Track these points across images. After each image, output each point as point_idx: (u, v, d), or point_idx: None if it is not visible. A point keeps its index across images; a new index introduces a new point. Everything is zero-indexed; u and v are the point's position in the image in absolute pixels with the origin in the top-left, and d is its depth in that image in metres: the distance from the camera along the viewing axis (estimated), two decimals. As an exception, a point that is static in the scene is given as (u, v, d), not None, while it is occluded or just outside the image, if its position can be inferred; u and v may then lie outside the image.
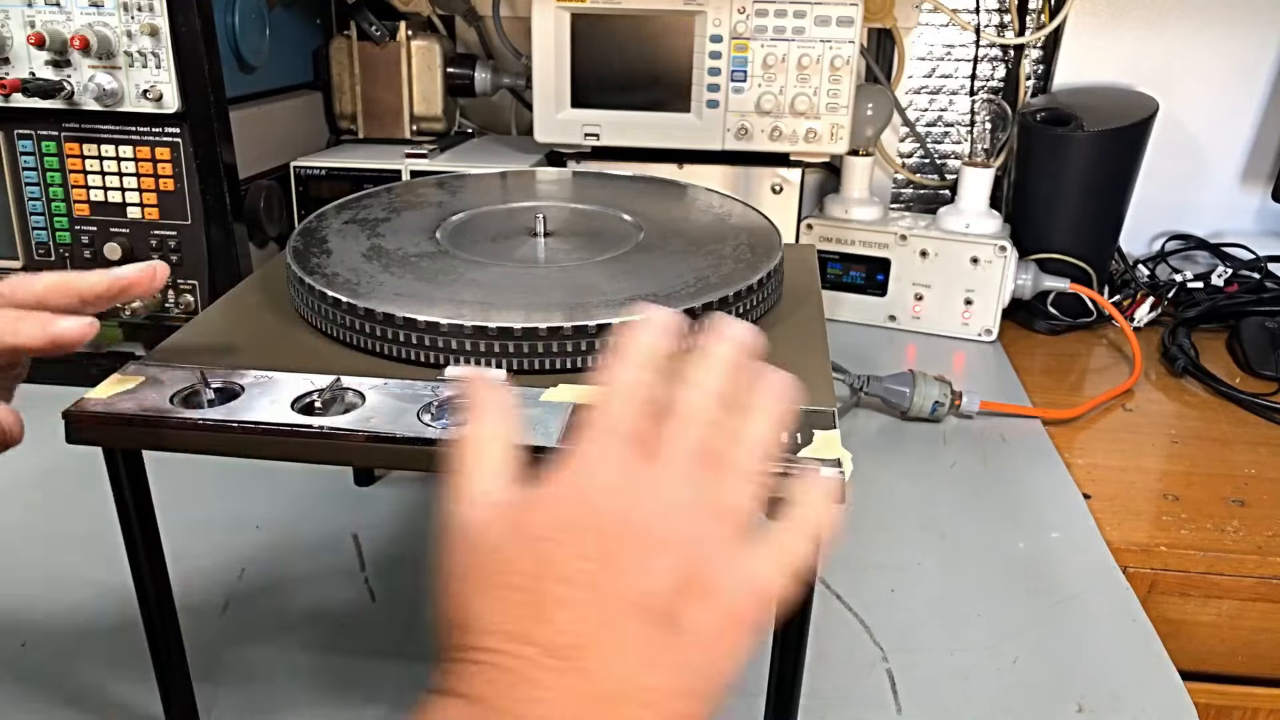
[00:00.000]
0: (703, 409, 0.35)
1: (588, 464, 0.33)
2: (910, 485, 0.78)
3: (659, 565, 0.31)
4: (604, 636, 0.30)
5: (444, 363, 0.46)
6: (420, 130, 1.11)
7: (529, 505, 0.33)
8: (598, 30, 0.97)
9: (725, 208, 0.66)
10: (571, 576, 0.31)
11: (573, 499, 0.32)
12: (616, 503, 0.32)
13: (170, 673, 0.50)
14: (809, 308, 0.56)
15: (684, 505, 0.33)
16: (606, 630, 0.30)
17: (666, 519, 0.32)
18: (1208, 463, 0.83)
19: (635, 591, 0.31)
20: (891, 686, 0.57)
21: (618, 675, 0.30)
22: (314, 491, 0.76)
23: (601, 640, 0.30)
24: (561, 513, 0.32)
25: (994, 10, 1.18)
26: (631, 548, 0.31)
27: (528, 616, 0.30)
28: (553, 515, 0.32)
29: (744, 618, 0.32)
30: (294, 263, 0.52)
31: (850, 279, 1.09)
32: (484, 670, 0.30)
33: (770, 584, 0.34)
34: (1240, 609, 0.72)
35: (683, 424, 0.34)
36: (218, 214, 0.87)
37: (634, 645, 0.30)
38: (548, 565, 0.31)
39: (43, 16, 0.80)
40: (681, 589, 0.31)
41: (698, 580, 0.32)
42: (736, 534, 0.34)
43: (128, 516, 0.46)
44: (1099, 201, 1.07)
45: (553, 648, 0.30)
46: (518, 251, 0.57)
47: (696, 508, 0.33)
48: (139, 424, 0.42)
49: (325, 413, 0.43)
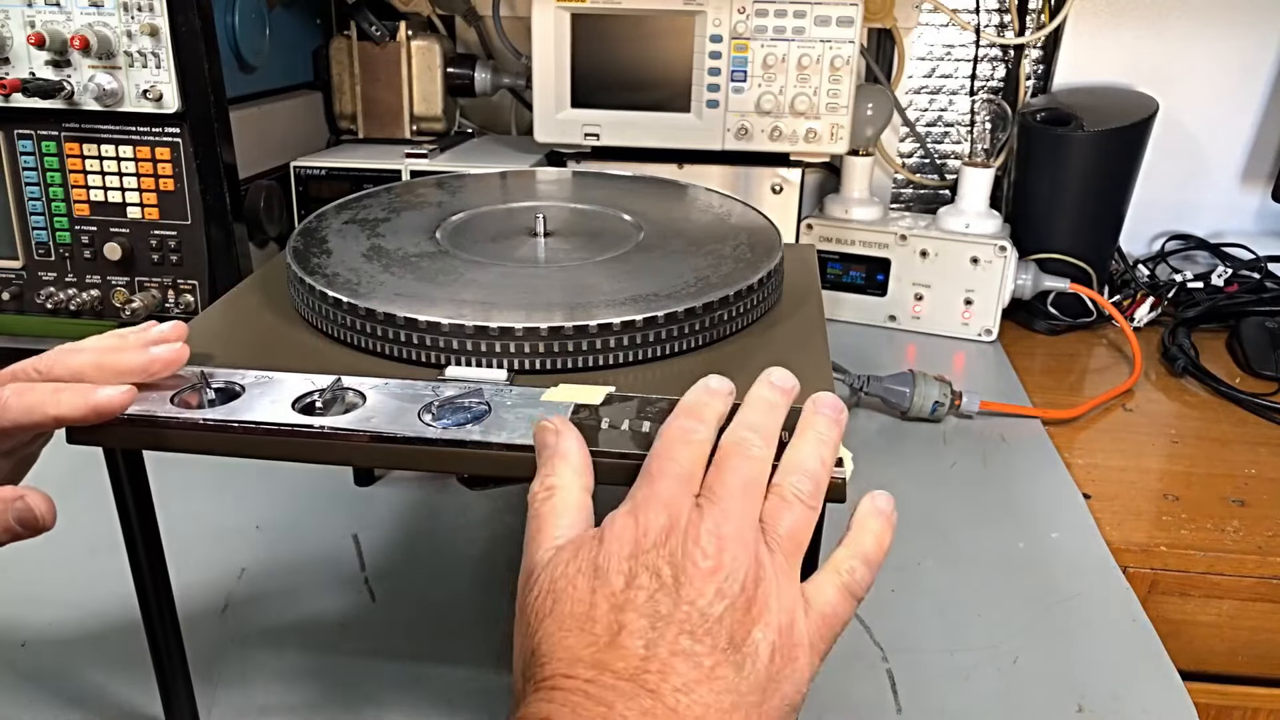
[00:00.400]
0: (753, 444, 0.37)
1: (647, 501, 0.36)
2: (910, 485, 0.78)
3: (725, 591, 0.33)
4: (674, 662, 0.32)
5: (444, 363, 0.46)
6: (420, 130, 1.11)
7: (589, 544, 0.35)
8: (598, 30, 0.97)
9: (725, 207, 0.66)
10: (643, 607, 0.33)
11: (632, 537, 0.35)
12: (670, 537, 0.34)
13: (170, 673, 0.50)
14: (809, 308, 0.56)
15: (746, 535, 0.35)
16: (676, 656, 0.32)
17: (729, 549, 0.34)
18: (1208, 463, 0.83)
19: (700, 618, 0.33)
20: (891, 686, 0.57)
21: (688, 698, 0.32)
22: (314, 491, 0.76)
23: (672, 666, 0.32)
24: (621, 548, 0.34)
25: (994, 10, 1.18)
26: (697, 578, 0.33)
27: (599, 644, 0.33)
28: (622, 549, 0.34)
29: (805, 640, 0.35)
30: (294, 263, 0.52)
31: (850, 279, 1.09)
32: (563, 697, 0.32)
33: (829, 607, 0.36)
34: (1240, 609, 0.72)
35: (734, 461, 0.37)
36: (218, 214, 0.87)
37: (703, 670, 0.32)
38: (620, 597, 0.33)
39: (43, 16, 0.80)
40: (745, 613, 0.33)
41: (761, 605, 0.34)
42: (791, 559, 0.36)
43: (128, 516, 0.46)
44: (1099, 201, 1.07)
45: (626, 673, 0.32)
46: (518, 251, 0.57)
47: (757, 537, 0.35)
48: (139, 424, 0.42)
49: (326, 413, 0.42)
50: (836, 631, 0.36)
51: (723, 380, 0.40)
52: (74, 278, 0.90)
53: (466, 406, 0.42)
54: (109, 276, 0.89)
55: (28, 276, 0.90)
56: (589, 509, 0.38)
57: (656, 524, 0.35)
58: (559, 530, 0.37)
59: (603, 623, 0.33)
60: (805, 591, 0.36)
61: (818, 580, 0.37)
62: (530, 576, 0.36)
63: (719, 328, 0.50)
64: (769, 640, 0.33)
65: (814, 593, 0.36)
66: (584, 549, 0.35)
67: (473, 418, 0.42)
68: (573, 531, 0.37)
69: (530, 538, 0.37)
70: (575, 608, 0.34)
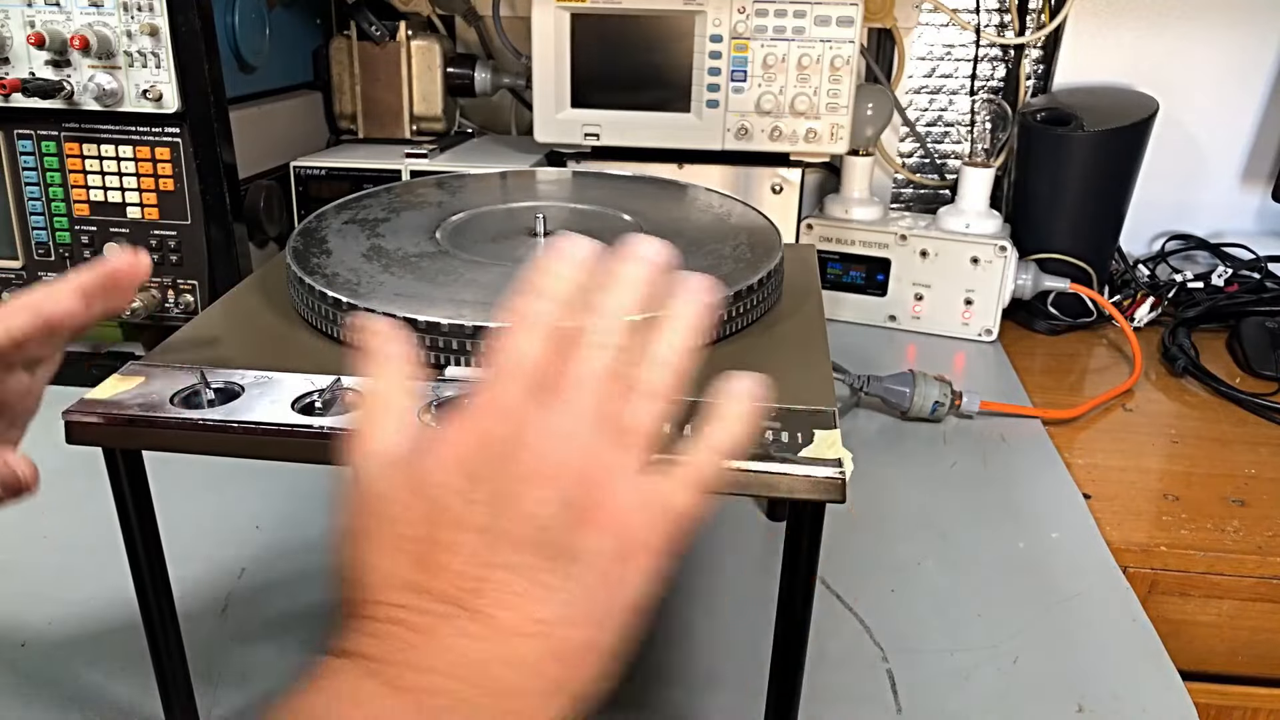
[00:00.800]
0: (607, 332, 0.34)
1: (481, 407, 0.33)
2: (910, 485, 0.78)
3: (550, 498, 0.31)
4: (498, 577, 0.30)
5: (444, 363, 0.46)
6: (420, 130, 1.11)
7: (421, 454, 0.32)
8: (598, 30, 0.97)
9: (725, 207, 0.66)
10: (461, 521, 0.30)
11: (464, 443, 0.32)
12: (506, 441, 0.32)
13: (170, 673, 0.50)
14: (809, 308, 0.56)
15: (580, 434, 0.32)
16: (497, 570, 0.30)
17: (560, 450, 0.32)
18: (1208, 463, 0.83)
19: (526, 527, 0.30)
20: (891, 686, 0.57)
21: (513, 613, 0.30)
22: (314, 491, 0.76)
23: (492, 580, 0.30)
24: (452, 458, 0.32)
25: (994, 10, 1.18)
26: (521, 484, 0.31)
27: (420, 567, 0.30)
28: (443, 461, 0.32)
29: (645, 541, 0.32)
30: (294, 263, 0.52)
31: (850, 279, 1.09)
32: (376, 627, 0.30)
33: (674, 503, 0.33)
34: (1240, 609, 0.72)
35: (586, 351, 0.33)
36: (218, 214, 0.87)
37: (529, 581, 0.30)
38: (439, 512, 0.31)
39: (43, 16, 0.80)
40: (577, 518, 0.31)
41: (594, 507, 0.31)
42: (638, 456, 0.33)
43: (128, 517, 0.46)
44: (1099, 201, 1.07)
45: (444, 595, 0.30)
46: (518, 251, 0.57)
47: (594, 434, 0.32)
48: (139, 424, 0.42)
49: (325, 413, 0.43)
50: (683, 529, 0.33)
51: (578, 243, 0.36)
52: (74, 278, 0.90)
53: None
54: (109, 276, 0.89)
55: (28, 276, 0.90)
56: (413, 414, 0.35)
57: (487, 427, 0.32)
58: (380, 436, 0.34)
59: (421, 541, 0.30)
60: (648, 490, 0.33)
61: (663, 474, 0.33)
62: (355, 488, 0.33)
63: (719, 328, 0.50)
64: (604, 545, 0.31)
65: (657, 490, 0.33)
66: (407, 460, 0.32)
67: None
68: (395, 438, 0.34)
69: (352, 444, 0.34)
70: (399, 527, 0.31)
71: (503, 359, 0.34)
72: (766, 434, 0.41)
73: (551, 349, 0.34)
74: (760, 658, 0.45)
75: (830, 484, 0.39)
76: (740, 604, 0.64)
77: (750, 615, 0.62)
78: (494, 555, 0.30)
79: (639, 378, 0.34)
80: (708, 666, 0.58)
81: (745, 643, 0.60)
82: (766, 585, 0.65)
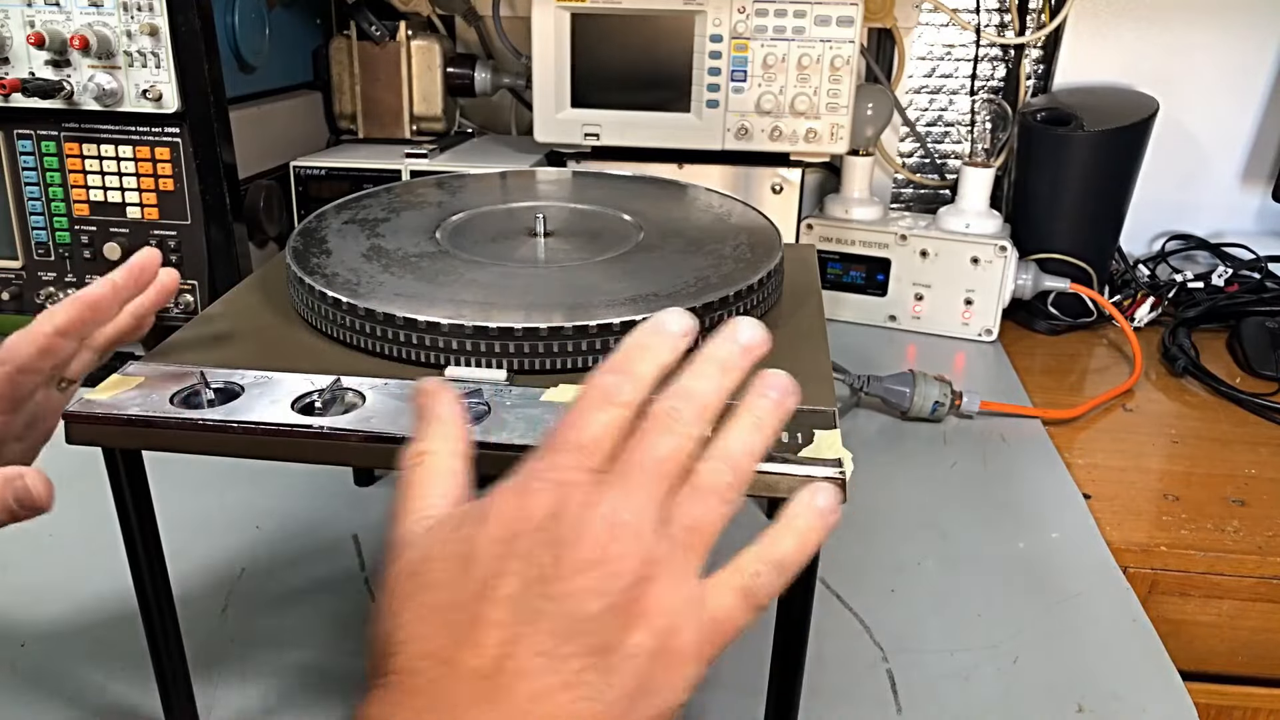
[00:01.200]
0: (681, 418, 0.32)
1: (539, 479, 0.31)
2: (910, 485, 0.78)
3: (601, 589, 0.29)
4: (534, 664, 0.28)
5: (444, 363, 0.46)
6: (420, 130, 1.11)
7: (468, 522, 0.31)
8: (598, 30, 0.97)
9: (725, 207, 0.66)
10: (507, 600, 0.29)
11: (516, 516, 0.30)
12: (561, 521, 0.30)
13: (170, 672, 0.50)
14: (809, 308, 0.56)
15: (640, 525, 0.30)
16: (538, 657, 0.28)
17: (617, 540, 0.30)
18: (1208, 463, 0.83)
19: (570, 616, 0.29)
20: (891, 686, 0.57)
21: (542, 706, 0.28)
22: (314, 491, 0.76)
23: (531, 668, 0.28)
24: (501, 530, 0.30)
25: (994, 10, 1.18)
26: (571, 570, 0.29)
27: (453, 638, 0.29)
28: (492, 533, 0.30)
29: (690, 648, 0.30)
30: (294, 263, 0.52)
31: (850, 279, 1.09)
32: (402, 698, 0.29)
33: (723, 612, 0.31)
34: (1240, 609, 0.72)
35: (653, 435, 0.32)
36: (217, 214, 0.87)
37: (565, 674, 0.28)
38: (481, 585, 0.29)
39: (42, 16, 0.80)
40: (624, 615, 0.29)
41: (639, 606, 0.30)
42: (692, 555, 0.31)
43: (127, 516, 0.46)
44: (1099, 201, 1.07)
45: (475, 671, 0.28)
46: (518, 251, 0.57)
47: (654, 528, 0.31)
48: (139, 424, 0.42)
49: (325, 413, 0.43)
50: (728, 640, 0.32)
51: (682, 318, 0.34)
52: (74, 278, 0.90)
53: (466, 406, 0.42)
54: (109, 276, 0.89)
55: (28, 276, 0.90)
56: (463, 478, 0.34)
57: (542, 503, 0.30)
58: (430, 501, 0.33)
59: (463, 613, 0.29)
60: (696, 593, 0.31)
61: (717, 580, 0.32)
62: (398, 551, 0.32)
63: (719, 328, 0.50)
64: (647, 647, 0.29)
65: (710, 595, 0.31)
66: (459, 526, 0.31)
67: (473, 418, 0.42)
68: (445, 503, 0.33)
69: (399, 507, 0.33)
70: (438, 595, 0.30)
71: (568, 430, 0.32)
72: None
73: (622, 428, 0.32)
74: (759, 657, 0.45)
75: (831, 484, 0.39)
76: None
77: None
78: (539, 641, 0.28)
79: (707, 473, 0.32)
80: (708, 666, 0.58)
81: (744, 642, 0.60)
82: (766, 585, 0.65)
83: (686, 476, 0.32)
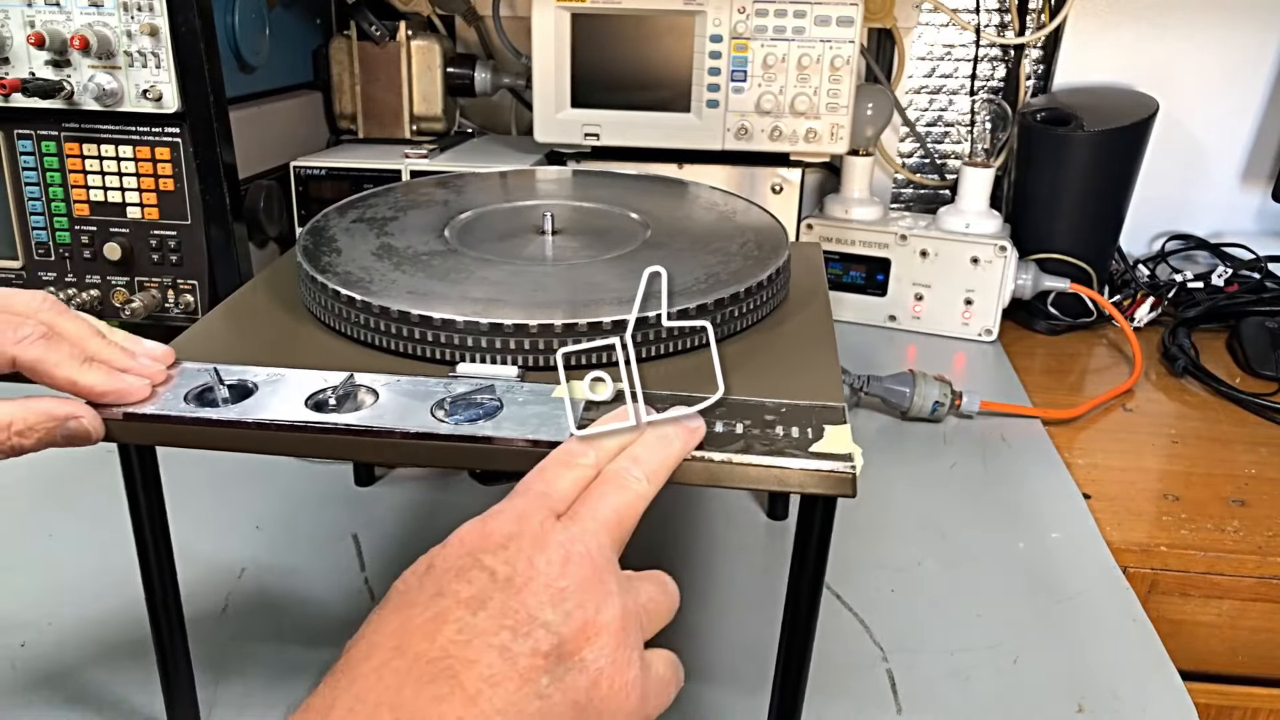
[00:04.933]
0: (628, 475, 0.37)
1: (498, 513, 0.34)
2: (910, 485, 0.78)
3: (554, 599, 0.32)
4: (488, 654, 0.30)
5: (455, 359, 0.46)
6: (420, 130, 1.11)
7: (443, 545, 0.34)
8: (598, 30, 0.97)
9: (729, 205, 0.66)
10: (466, 600, 0.31)
11: (475, 539, 0.33)
12: (516, 540, 0.33)
13: (174, 670, 0.50)
14: (816, 306, 0.56)
15: (590, 555, 0.33)
16: (491, 649, 0.30)
17: (567, 560, 0.33)
18: (1208, 463, 0.83)
19: (527, 618, 0.31)
20: (891, 686, 0.57)
21: (492, 691, 0.29)
22: (314, 491, 0.76)
23: (484, 656, 0.30)
24: (461, 548, 0.33)
25: (994, 10, 1.18)
26: (531, 583, 0.32)
27: (407, 630, 0.31)
28: (453, 550, 0.33)
29: (632, 686, 0.32)
30: (306, 262, 0.52)
31: (850, 279, 1.09)
32: (349, 681, 0.30)
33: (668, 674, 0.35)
34: (1240, 609, 0.72)
35: (605, 488, 0.36)
36: (218, 214, 0.87)
37: (518, 666, 0.30)
38: (439, 587, 0.32)
39: (43, 16, 0.80)
40: (576, 628, 0.32)
41: (593, 626, 0.32)
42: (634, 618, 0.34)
43: (139, 513, 0.46)
44: (1099, 201, 1.07)
45: (423, 655, 0.30)
46: (526, 249, 0.57)
47: (603, 562, 0.34)
48: (155, 421, 0.42)
49: (339, 409, 0.43)
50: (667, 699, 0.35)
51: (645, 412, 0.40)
52: (74, 278, 0.90)
53: (478, 403, 0.43)
54: (109, 276, 0.89)
55: (28, 276, 0.90)
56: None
57: (502, 530, 0.33)
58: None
59: (422, 610, 0.31)
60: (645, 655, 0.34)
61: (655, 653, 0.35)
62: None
63: (728, 324, 0.50)
64: (599, 664, 0.31)
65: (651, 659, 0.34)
66: (427, 553, 0.34)
67: (485, 414, 0.42)
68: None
69: None
70: (398, 599, 0.32)
71: (536, 481, 0.36)
72: (777, 429, 0.41)
73: (581, 487, 0.37)
74: (761, 656, 0.45)
75: (841, 478, 0.39)
76: (741, 602, 0.64)
77: (751, 614, 0.62)
78: (495, 635, 0.30)
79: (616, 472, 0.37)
80: (708, 664, 0.58)
81: (746, 641, 0.60)
82: (767, 584, 0.65)
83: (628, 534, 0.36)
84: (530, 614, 0.31)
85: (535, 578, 0.32)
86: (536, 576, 0.32)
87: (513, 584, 0.32)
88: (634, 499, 0.36)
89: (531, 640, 0.30)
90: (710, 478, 0.40)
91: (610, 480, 0.37)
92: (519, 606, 0.31)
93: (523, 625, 0.31)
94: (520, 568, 0.32)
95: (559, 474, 0.37)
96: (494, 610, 0.31)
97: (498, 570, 0.32)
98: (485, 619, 0.31)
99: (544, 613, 0.31)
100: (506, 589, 0.31)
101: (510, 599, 0.31)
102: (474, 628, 0.30)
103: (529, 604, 0.31)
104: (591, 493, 0.36)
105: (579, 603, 0.32)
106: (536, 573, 0.32)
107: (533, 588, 0.32)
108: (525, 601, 0.31)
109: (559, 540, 0.33)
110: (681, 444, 0.39)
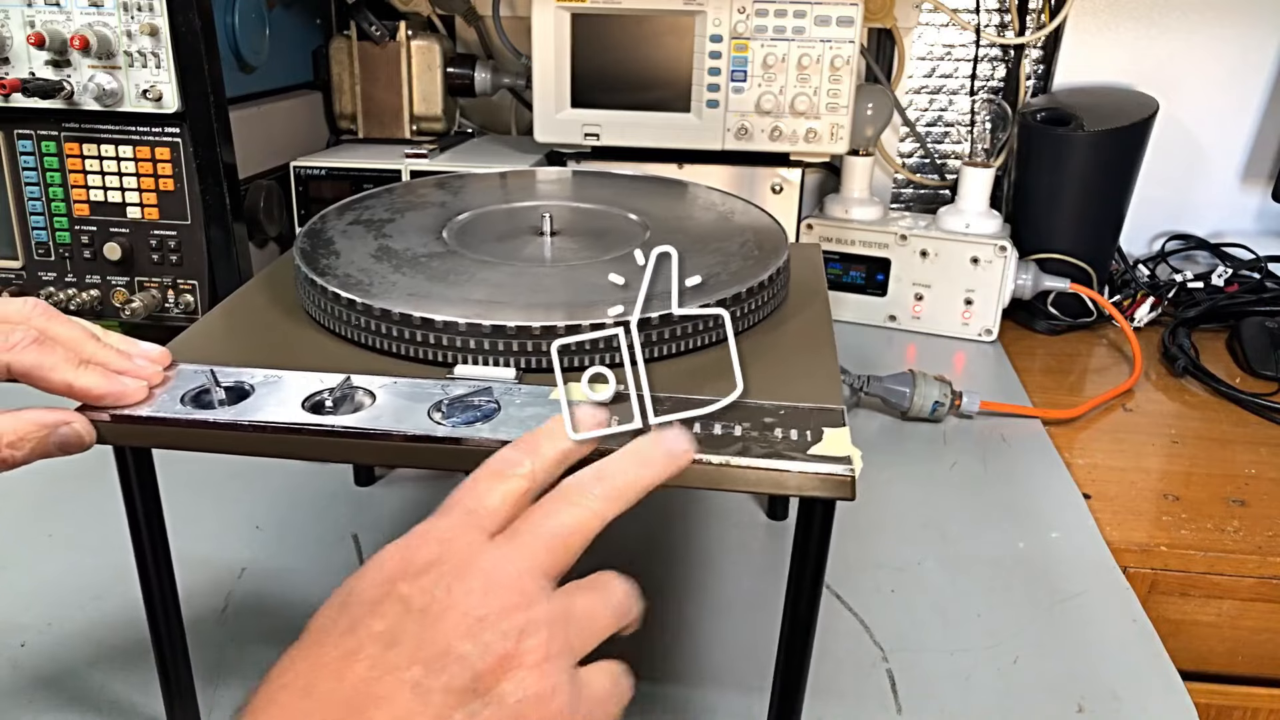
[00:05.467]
0: (589, 493, 0.34)
1: (421, 535, 0.33)
2: (910, 485, 0.78)
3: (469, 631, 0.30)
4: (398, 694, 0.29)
5: (453, 361, 0.46)
6: (420, 130, 1.11)
7: (354, 575, 0.33)
8: (598, 30, 0.97)
9: (728, 206, 0.66)
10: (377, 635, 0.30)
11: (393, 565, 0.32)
12: (436, 567, 0.31)
13: (174, 672, 0.50)
14: (816, 306, 0.56)
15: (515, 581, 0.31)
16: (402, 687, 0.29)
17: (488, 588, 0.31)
18: (1208, 463, 0.83)
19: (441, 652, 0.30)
20: (891, 686, 0.57)
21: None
22: (314, 491, 0.76)
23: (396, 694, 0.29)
24: (378, 576, 0.32)
25: (994, 10, 1.18)
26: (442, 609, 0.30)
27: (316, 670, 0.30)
28: (369, 579, 0.32)
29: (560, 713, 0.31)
30: (304, 264, 0.52)
31: (850, 279, 1.09)
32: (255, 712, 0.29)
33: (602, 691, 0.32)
34: (1240, 609, 0.72)
35: (556, 503, 0.34)
36: (218, 214, 0.87)
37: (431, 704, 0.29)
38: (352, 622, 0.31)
39: (43, 16, 0.80)
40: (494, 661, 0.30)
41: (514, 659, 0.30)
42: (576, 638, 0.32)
43: (136, 515, 0.46)
44: (1099, 201, 1.07)
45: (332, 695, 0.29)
46: (525, 250, 0.57)
47: (532, 586, 0.32)
48: (150, 423, 0.42)
49: (336, 411, 0.43)
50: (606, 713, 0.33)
51: (595, 413, 0.37)
52: (74, 278, 0.90)
53: (476, 405, 0.43)
54: (109, 276, 0.89)
55: (28, 276, 0.90)
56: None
57: (422, 556, 0.32)
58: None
59: (332, 648, 0.30)
60: (580, 675, 0.32)
61: (594, 667, 0.33)
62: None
63: (721, 327, 0.50)
64: (518, 695, 0.30)
65: (589, 675, 0.32)
66: (346, 580, 0.32)
67: (482, 416, 0.42)
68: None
69: None
70: (310, 637, 0.31)
71: (463, 496, 0.34)
72: (776, 432, 0.41)
73: (520, 499, 0.34)
74: (761, 656, 0.45)
75: (840, 481, 0.39)
76: (741, 602, 0.64)
77: (751, 614, 0.62)
78: (403, 671, 0.29)
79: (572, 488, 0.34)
80: (708, 664, 0.58)
81: (746, 641, 0.60)
82: (767, 584, 0.65)
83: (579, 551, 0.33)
84: (445, 647, 0.30)
85: (453, 607, 0.30)
86: (454, 606, 0.30)
87: (428, 615, 0.30)
88: (586, 518, 0.34)
89: (445, 676, 0.29)
90: (708, 480, 0.40)
91: (564, 496, 0.34)
92: (434, 639, 0.30)
93: (436, 660, 0.29)
94: (438, 595, 0.30)
95: (490, 487, 0.34)
96: (408, 644, 0.29)
97: (413, 600, 0.30)
98: (398, 654, 0.29)
99: (460, 645, 0.30)
100: (422, 621, 0.30)
101: (425, 631, 0.30)
102: (386, 664, 0.29)
103: (445, 636, 0.30)
104: (539, 507, 0.34)
105: (501, 633, 0.30)
106: (454, 602, 0.30)
107: (450, 618, 0.30)
108: (442, 633, 0.30)
109: (484, 565, 0.31)
110: (659, 470, 0.36)
